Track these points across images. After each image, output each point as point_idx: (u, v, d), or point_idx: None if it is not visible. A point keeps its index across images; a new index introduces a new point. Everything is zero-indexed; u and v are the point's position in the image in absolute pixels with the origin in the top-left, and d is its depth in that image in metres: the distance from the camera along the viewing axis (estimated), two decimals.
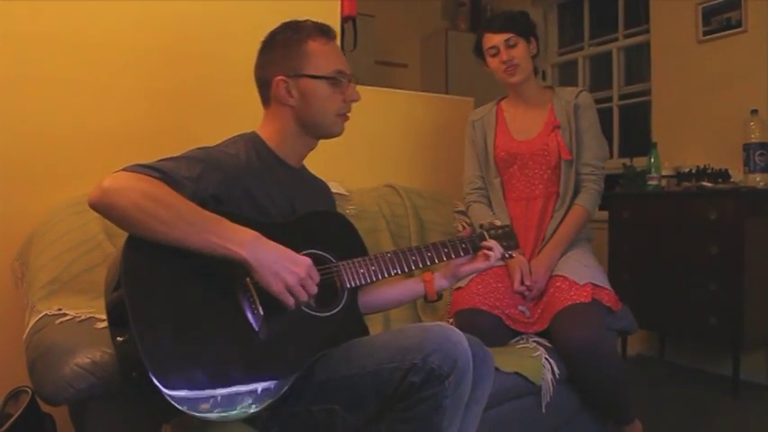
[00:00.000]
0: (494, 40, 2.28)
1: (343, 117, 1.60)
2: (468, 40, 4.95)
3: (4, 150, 2.02)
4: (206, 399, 1.18)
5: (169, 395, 1.13)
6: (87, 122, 2.14)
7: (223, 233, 1.25)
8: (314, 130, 1.58)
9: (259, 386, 1.25)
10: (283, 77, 1.51)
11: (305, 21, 1.59)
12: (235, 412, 1.20)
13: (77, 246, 1.87)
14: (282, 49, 1.53)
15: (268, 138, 1.56)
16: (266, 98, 1.58)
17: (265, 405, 1.25)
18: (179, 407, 1.14)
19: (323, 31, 1.56)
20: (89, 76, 2.14)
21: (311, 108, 1.54)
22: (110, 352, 1.40)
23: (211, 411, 1.17)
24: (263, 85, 1.57)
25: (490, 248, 1.65)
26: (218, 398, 1.19)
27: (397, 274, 1.54)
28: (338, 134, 1.61)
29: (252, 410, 1.23)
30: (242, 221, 1.30)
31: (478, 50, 2.37)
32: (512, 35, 2.25)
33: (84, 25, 2.13)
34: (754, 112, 3.04)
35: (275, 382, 1.27)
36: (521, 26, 2.28)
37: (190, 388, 1.16)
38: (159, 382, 1.13)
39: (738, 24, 3.29)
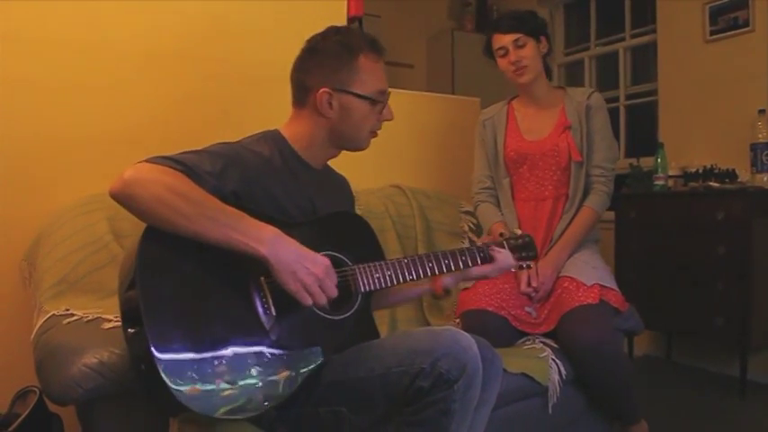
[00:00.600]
0: (502, 40, 2.27)
1: (374, 134, 1.59)
2: (474, 41, 4.99)
3: (12, 152, 2.02)
4: (213, 396, 1.18)
5: (175, 389, 1.14)
6: (94, 124, 2.14)
7: (244, 229, 1.25)
8: (342, 143, 1.57)
9: (264, 382, 1.25)
10: (328, 90, 1.48)
11: (355, 30, 1.57)
12: (239, 405, 1.21)
13: (84, 246, 1.88)
14: (333, 59, 1.50)
15: (293, 139, 1.55)
16: (301, 101, 1.55)
17: (271, 402, 1.25)
18: (185, 402, 1.14)
19: (375, 47, 1.53)
20: (96, 79, 2.15)
21: (347, 124, 1.52)
22: (117, 352, 1.42)
23: (218, 410, 1.18)
24: (302, 89, 1.54)
25: (494, 258, 1.64)
26: (225, 395, 1.19)
27: (412, 279, 1.53)
28: (364, 149, 1.60)
29: (256, 406, 1.23)
30: (261, 219, 1.30)
31: (488, 51, 2.36)
32: (520, 35, 2.23)
33: (89, 28, 2.14)
34: (762, 111, 3.03)
35: (282, 381, 1.28)
36: (529, 26, 2.26)
37: (197, 383, 1.17)
38: (164, 372, 1.14)
39: (746, 24, 3.28)
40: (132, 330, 1.23)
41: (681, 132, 3.62)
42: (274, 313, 1.32)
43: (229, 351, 1.23)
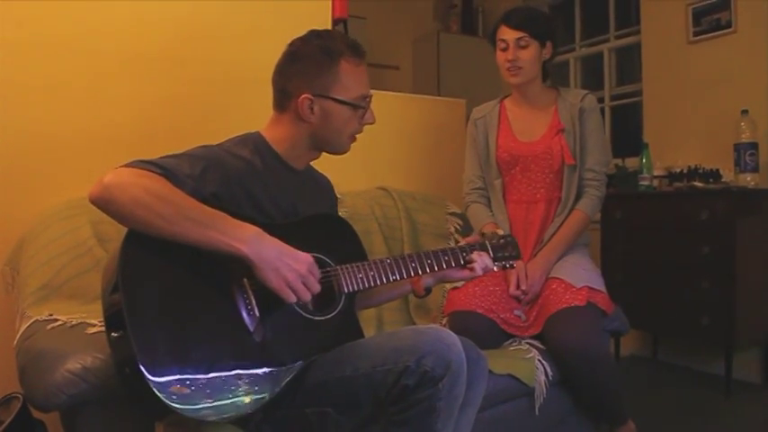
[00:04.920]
0: (506, 34, 2.20)
1: (354, 138, 1.58)
2: (459, 42, 5.01)
3: None
4: (196, 395, 1.17)
5: (158, 390, 1.13)
6: (78, 126, 2.12)
7: (225, 229, 1.25)
8: (323, 146, 1.57)
9: (250, 386, 1.25)
10: (309, 96, 1.48)
11: (336, 34, 1.57)
12: (226, 410, 1.20)
13: (68, 251, 1.86)
14: (314, 65, 1.49)
15: (274, 141, 1.54)
16: (282, 105, 1.54)
17: (258, 406, 1.24)
18: (169, 403, 1.13)
19: (356, 51, 1.52)
20: (81, 81, 2.13)
21: (329, 129, 1.52)
22: (101, 357, 1.40)
23: (203, 410, 1.17)
24: (283, 94, 1.53)
25: (473, 261, 1.62)
26: (209, 394, 1.19)
27: (395, 280, 1.53)
28: (345, 153, 1.60)
29: (243, 411, 1.22)
30: (242, 220, 1.30)
31: (492, 38, 2.30)
32: (525, 35, 2.17)
33: (76, 29, 2.12)
34: (745, 112, 3.05)
35: (266, 383, 1.27)
36: (537, 28, 2.19)
37: (179, 383, 1.16)
38: (150, 375, 1.13)
39: (728, 25, 3.30)
40: (116, 334, 1.22)
41: (665, 133, 3.64)
42: (258, 314, 1.32)
43: (213, 353, 1.23)
